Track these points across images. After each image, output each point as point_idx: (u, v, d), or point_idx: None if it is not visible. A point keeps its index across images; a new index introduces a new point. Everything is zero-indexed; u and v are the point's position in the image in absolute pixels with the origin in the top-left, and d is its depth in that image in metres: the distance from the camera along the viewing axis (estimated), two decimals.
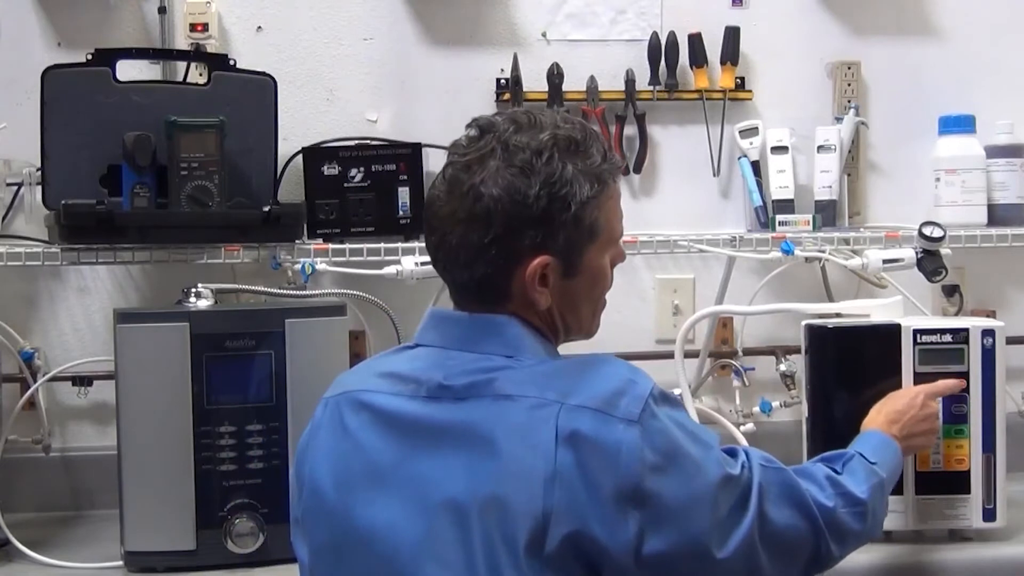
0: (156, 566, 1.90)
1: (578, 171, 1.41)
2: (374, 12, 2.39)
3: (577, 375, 1.36)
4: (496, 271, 1.40)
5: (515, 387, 1.35)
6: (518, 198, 1.38)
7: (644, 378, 1.36)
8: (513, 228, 1.38)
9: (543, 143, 1.40)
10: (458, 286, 1.45)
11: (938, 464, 1.95)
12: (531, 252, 1.40)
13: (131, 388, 1.90)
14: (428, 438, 1.37)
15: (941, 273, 2.17)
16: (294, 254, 2.16)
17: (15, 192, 2.26)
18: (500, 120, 1.44)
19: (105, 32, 2.29)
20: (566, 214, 1.40)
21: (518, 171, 1.39)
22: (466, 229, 1.39)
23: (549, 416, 1.31)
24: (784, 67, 2.50)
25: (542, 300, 1.42)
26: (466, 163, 1.41)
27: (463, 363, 1.40)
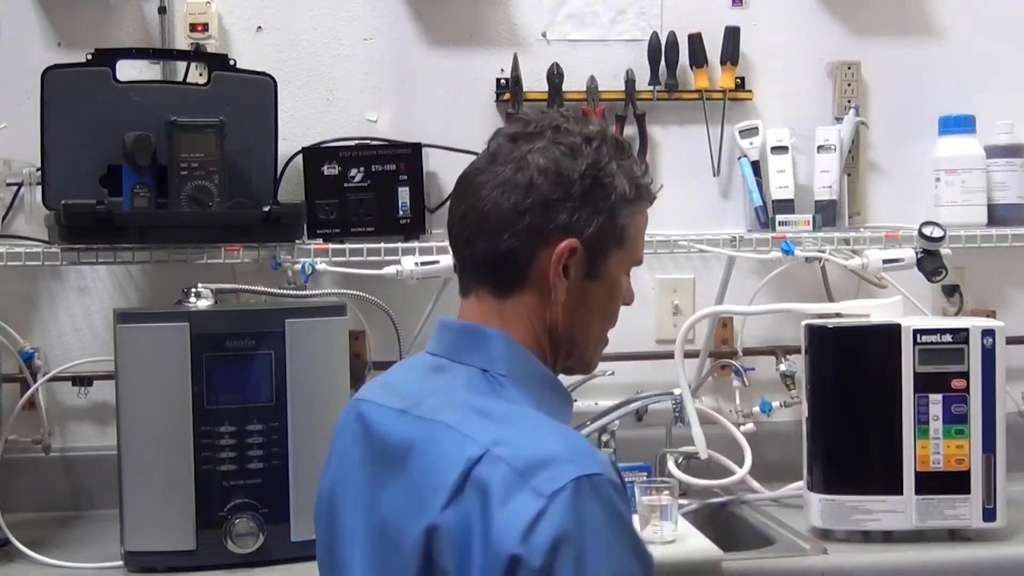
0: (156, 566, 1.90)
1: (622, 170, 1.39)
2: (374, 12, 2.39)
3: (524, 427, 1.28)
4: (521, 246, 1.35)
5: (459, 417, 1.28)
6: (563, 172, 1.35)
7: (587, 461, 1.22)
8: (551, 203, 1.35)
9: (593, 133, 1.39)
10: (476, 261, 1.38)
11: (938, 464, 1.96)
12: (561, 233, 1.35)
13: (131, 388, 1.90)
14: (391, 458, 1.33)
15: (941, 273, 2.18)
16: (294, 254, 2.16)
17: (15, 192, 2.26)
18: (549, 112, 1.44)
19: (105, 32, 2.29)
20: (604, 203, 1.37)
21: (567, 149, 1.36)
22: (502, 195, 1.35)
23: (469, 454, 1.23)
24: (784, 67, 2.50)
25: (560, 290, 1.37)
26: (512, 135, 1.39)
27: (434, 381, 1.36)
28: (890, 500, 1.96)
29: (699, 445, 2.18)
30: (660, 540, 1.91)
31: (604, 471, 1.23)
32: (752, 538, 2.09)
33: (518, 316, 1.38)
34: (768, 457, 2.31)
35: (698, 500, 2.23)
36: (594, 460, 1.24)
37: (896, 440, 1.95)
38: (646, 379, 2.36)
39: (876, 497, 1.96)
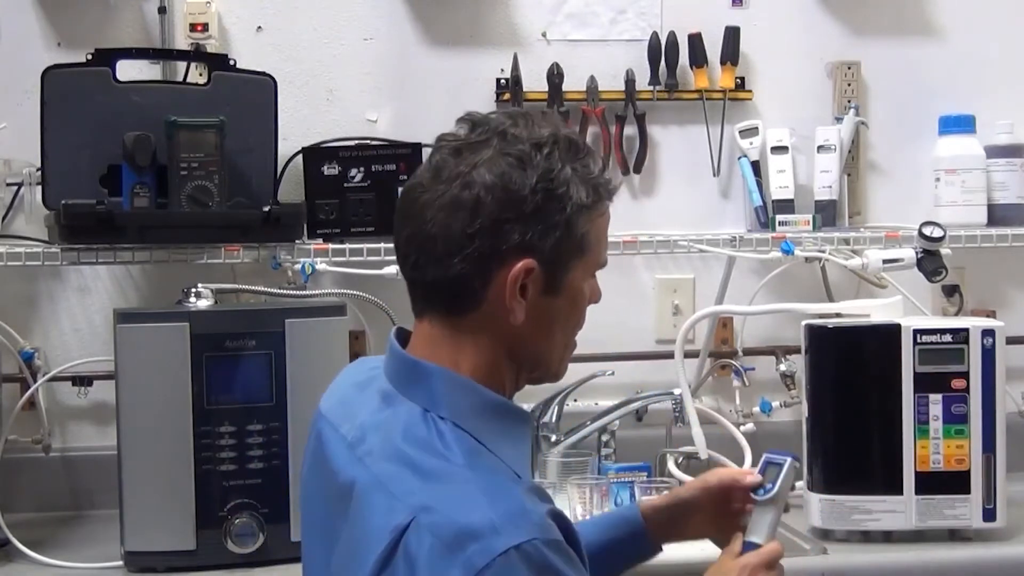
0: (156, 566, 1.90)
1: (576, 175, 1.30)
2: (374, 12, 2.39)
3: (455, 488, 1.22)
4: (474, 270, 1.28)
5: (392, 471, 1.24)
6: (512, 188, 1.27)
7: (517, 528, 1.17)
8: (502, 221, 1.26)
9: (543, 138, 1.30)
10: (426, 286, 1.32)
11: (938, 464, 1.96)
12: (516, 253, 1.27)
13: (131, 388, 1.90)
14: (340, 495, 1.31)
15: (941, 273, 2.18)
16: (294, 254, 2.16)
17: (15, 192, 2.26)
18: (495, 116, 1.34)
19: (105, 32, 2.29)
20: (560, 216, 1.29)
21: (515, 160, 1.28)
22: (448, 216, 1.27)
23: (398, 522, 1.19)
24: (784, 67, 2.50)
25: (518, 312, 1.29)
26: (456, 148, 1.30)
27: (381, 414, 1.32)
28: (890, 500, 1.96)
29: (699, 445, 2.18)
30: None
31: (538, 534, 1.17)
32: None
33: (474, 340, 1.32)
34: None
35: None
36: (526, 523, 1.18)
37: (896, 440, 1.96)
38: (646, 379, 2.37)
39: (876, 497, 1.96)
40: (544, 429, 2.24)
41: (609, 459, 2.22)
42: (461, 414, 1.29)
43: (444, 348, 1.33)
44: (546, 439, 2.23)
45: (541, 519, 1.21)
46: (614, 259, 2.40)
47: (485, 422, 1.30)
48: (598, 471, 2.15)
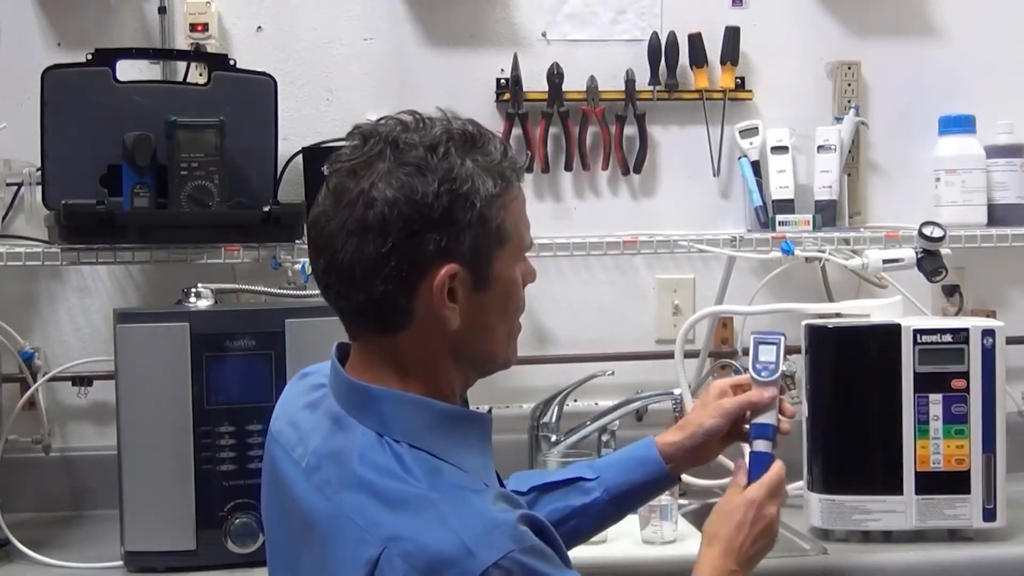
0: (156, 566, 1.90)
1: (478, 167, 1.27)
2: (374, 12, 2.39)
3: (421, 511, 1.20)
4: (397, 287, 1.26)
5: (356, 501, 1.23)
6: (415, 198, 1.24)
7: (487, 548, 1.17)
8: (413, 234, 1.24)
9: (437, 138, 1.27)
10: (354, 311, 1.30)
11: (938, 464, 1.96)
12: (436, 261, 1.25)
13: (131, 388, 1.90)
14: (301, 523, 1.30)
15: (941, 273, 2.18)
16: (294, 254, 2.16)
17: (15, 192, 2.26)
18: (384, 123, 1.31)
19: (105, 32, 2.29)
20: (470, 213, 1.26)
21: (413, 169, 1.25)
22: (359, 241, 1.25)
23: (369, 555, 1.19)
24: (784, 67, 2.50)
25: (452, 318, 1.27)
26: (351, 168, 1.28)
27: (334, 439, 1.30)
28: (890, 500, 1.96)
29: None
30: (660, 540, 1.92)
31: (513, 545, 1.18)
32: None
33: (414, 353, 1.30)
34: None
35: (698, 500, 2.23)
36: (499, 538, 1.18)
37: (896, 440, 1.96)
38: (646, 379, 2.37)
39: (876, 497, 1.96)
40: (544, 429, 2.24)
41: None
42: (415, 434, 1.28)
43: (387, 367, 1.31)
44: (546, 439, 2.23)
45: (513, 529, 1.20)
46: (614, 259, 2.44)
47: (441, 436, 1.29)
48: None
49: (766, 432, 1.60)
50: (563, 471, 1.64)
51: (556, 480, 1.62)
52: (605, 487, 1.59)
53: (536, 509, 1.56)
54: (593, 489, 1.59)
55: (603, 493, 1.59)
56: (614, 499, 1.60)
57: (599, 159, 2.44)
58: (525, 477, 1.66)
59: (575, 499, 1.59)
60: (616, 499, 1.60)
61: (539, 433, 2.25)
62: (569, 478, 1.61)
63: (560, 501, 1.59)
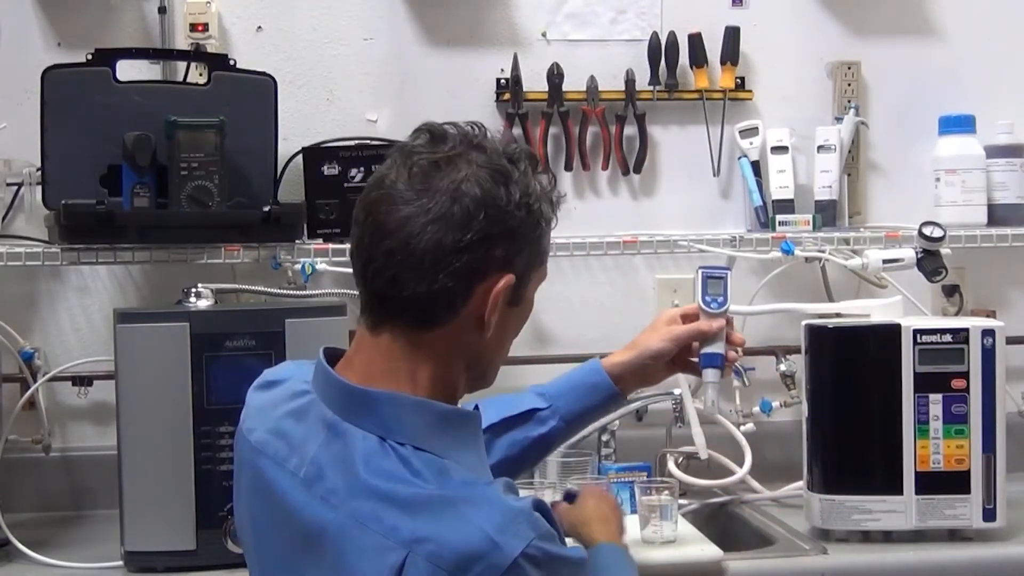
0: (156, 566, 1.90)
1: (543, 190, 1.33)
2: (374, 12, 2.39)
3: (440, 512, 1.21)
4: (457, 285, 1.27)
5: (369, 509, 1.22)
6: (500, 203, 1.27)
7: (512, 538, 1.19)
8: (489, 236, 1.26)
9: (515, 152, 1.32)
10: (400, 300, 1.28)
11: (938, 464, 1.96)
12: (498, 268, 1.28)
13: (131, 388, 1.90)
14: (304, 537, 1.28)
15: (941, 273, 2.18)
16: (294, 254, 2.16)
17: (15, 192, 2.26)
18: (454, 129, 1.33)
19: (105, 32, 2.29)
20: (535, 232, 1.31)
21: (499, 175, 1.28)
22: (439, 231, 1.25)
23: (392, 561, 1.19)
24: (784, 67, 2.50)
25: (493, 324, 1.30)
26: (435, 161, 1.28)
27: (332, 447, 1.29)
28: (890, 500, 1.96)
29: (699, 445, 2.18)
30: (660, 540, 1.91)
31: (533, 533, 1.20)
32: (752, 538, 2.10)
33: (438, 351, 1.31)
34: (768, 457, 2.31)
35: (698, 500, 2.23)
36: (521, 527, 1.20)
37: (896, 440, 1.95)
38: None
39: (876, 497, 1.96)
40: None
41: (609, 459, 2.22)
42: (418, 435, 1.28)
43: (402, 362, 1.31)
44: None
45: (530, 516, 1.22)
46: (614, 259, 2.44)
47: (440, 436, 1.30)
48: (598, 471, 2.15)
49: (715, 361, 1.72)
50: (514, 402, 1.70)
51: (512, 415, 1.68)
52: (560, 415, 1.69)
53: (497, 444, 1.65)
54: (548, 418, 1.68)
55: (559, 421, 1.68)
56: (568, 424, 1.70)
57: (599, 159, 2.44)
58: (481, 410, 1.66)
59: (532, 430, 1.68)
60: (570, 424, 1.71)
61: None
62: (524, 411, 1.68)
63: (519, 434, 1.67)
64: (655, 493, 1.94)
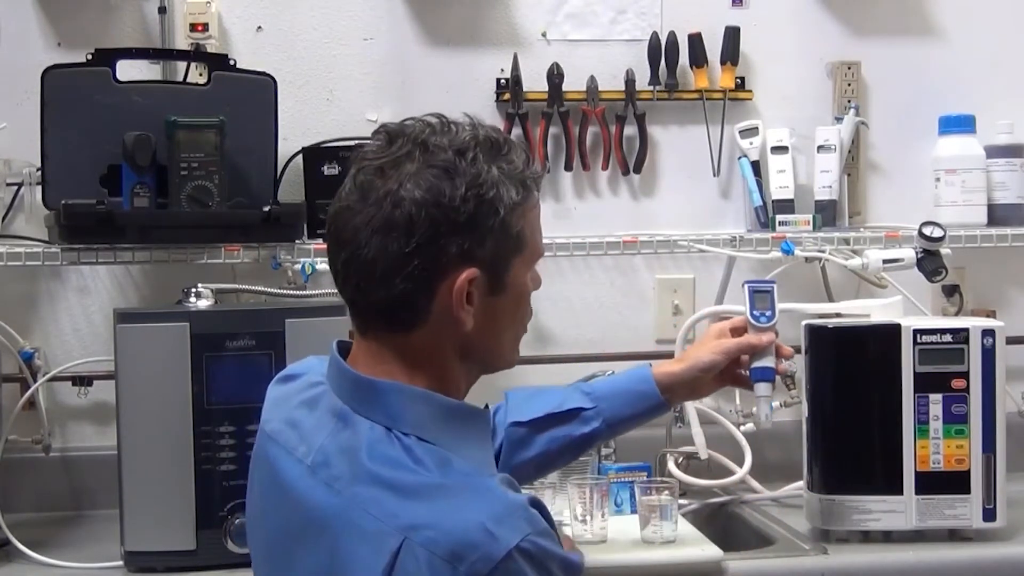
0: (156, 566, 1.90)
1: (503, 174, 1.30)
2: (374, 12, 2.39)
3: (438, 500, 1.22)
4: (417, 287, 1.28)
5: (371, 495, 1.23)
6: (443, 201, 1.26)
7: (509, 531, 1.19)
8: (438, 235, 1.26)
9: (465, 143, 1.30)
10: (371, 307, 1.31)
11: (938, 464, 1.96)
12: (457, 264, 1.28)
13: (131, 388, 1.90)
14: (305, 522, 1.29)
15: (941, 273, 2.18)
16: (294, 254, 2.16)
17: (15, 192, 2.26)
18: (411, 124, 1.33)
19: (105, 32, 2.29)
20: (494, 219, 1.29)
21: (441, 172, 1.27)
22: (384, 239, 1.26)
23: (389, 546, 1.20)
24: (784, 67, 2.50)
25: (467, 320, 1.30)
26: (379, 167, 1.28)
27: (341, 436, 1.30)
28: (890, 500, 1.96)
29: (699, 445, 2.18)
30: (660, 540, 1.91)
31: (529, 528, 1.21)
32: (752, 538, 2.10)
33: (424, 351, 1.32)
34: (768, 457, 2.31)
35: (698, 500, 2.23)
36: (518, 521, 1.21)
37: (896, 440, 1.95)
38: None
39: (876, 497, 1.96)
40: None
41: (609, 459, 2.22)
42: (422, 426, 1.30)
43: (394, 364, 1.33)
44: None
45: (526, 511, 1.23)
46: (614, 259, 2.44)
47: (445, 429, 1.31)
48: (598, 471, 2.15)
49: (767, 375, 1.76)
50: (560, 398, 1.70)
51: (557, 412, 1.68)
52: (604, 418, 1.69)
53: (538, 439, 1.67)
54: (592, 419, 1.69)
55: (601, 424, 1.68)
56: (611, 428, 1.71)
57: (599, 159, 2.44)
58: (524, 403, 1.70)
59: (575, 429, 1.69)
60: (612, 428, 1.71)
61: None
62: (569, 409, 1.68)
63: (561, 431, 1.68)
64: (655, 493, 1.94)
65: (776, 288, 1.79)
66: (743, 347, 1.75)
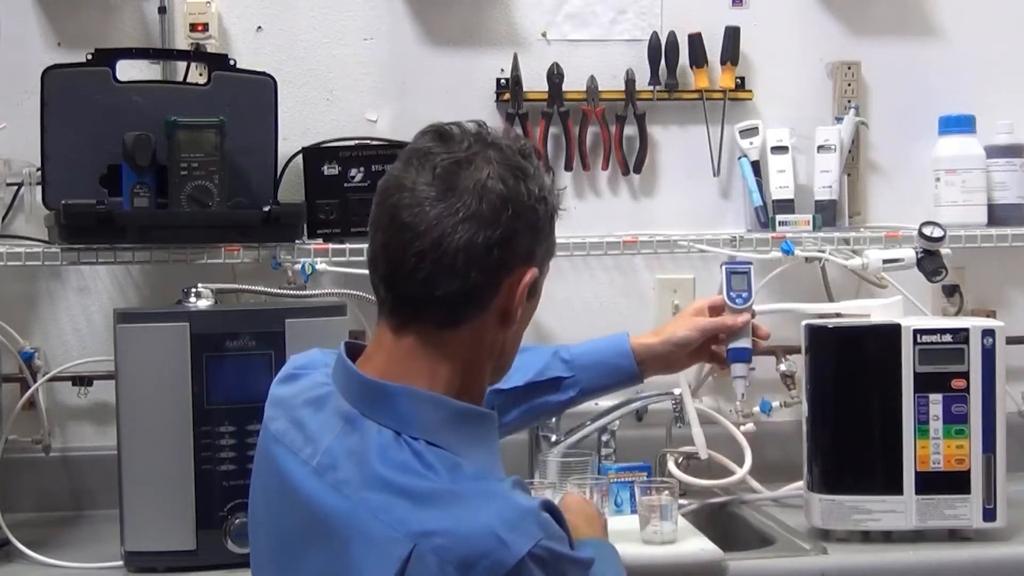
0: (156, 566, 1.90)
1: (550, 182, 1.35)
2: (374, 12, 2.40)
3: (449, 506, 1.21)
4: (487, 280, 1.28)
5: (380, 501, 1.23)
6: (521, 199, 1.29)
7: (520, 536, 1.18)
8: (515, 231, 1.28)
9: (524, 146, 1.33)
10: (432, 301, 1.29)
11: (938, 464, 1.96)
12: (522, 261, 1.30)
13: (131, 388, 1.90)
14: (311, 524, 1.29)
15: (941, 273, 2.18)
16: (294, 254, 2.17)
17: (15, 192, 2.26)
18: (462, 124, 1.34)
19: (105, 32, 2.29)
20: (549, 224, 1.35)
21: (517, 171, 1.30)
22: (469, 229, 1.26)
23: (399, 553, 1.19)
24: (784, 67, 2.50)
25: (515, 319, 1.32)
26: (457, 160, 1.29)
27: (348, 439, 1.29)
28: (890, 500, 1.96)
29: (699, 445, 2.18)
30: (660, 540, 1.91)
31: (541, 533, 1.20)
32: (752, 538, 2.10)
33: (461, 349, 1.32)
34: (768, 457, 2.31)
35: (698, 500, 2.23)
36: (529, 526, 1.20)
37: (896, 440, 1.96)
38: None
39: (876, 497, 1.96)
40: (544, 429, 2.24)
41: (609, 459, 2.22)
42: (432, 430, 1.29)
43: (423, 361, 1.31)
44: (546, 439, 2.23)
45: (538, 516, 1.22)
46: (614, 259, 2.44)
47: (455, 433, 1.30)
48: (598, 471, 2.15)
49: (743, 356, 1.80)
50: (541, 367, 1.73)
51: (538, 381, 1.72)
52: (580, 387, 1.74)
53: (518, 405, 1.71)
54: (569, 388, 1.73)
55: (577, 392, 1.73)
56: (584, 396, 1.76)
57: (599, 159, 2.44)
58: None
59: (553, 397, 1.73)
60: (586, 396, 1.76)
61: (539, 433, 2.24)
62: (551, 378, 1.72)
63: (539, 398, 1.72)
64: (655, 493, 1.94)
65: (752, 269, 1.82)
66: (718, 327, 1.79)
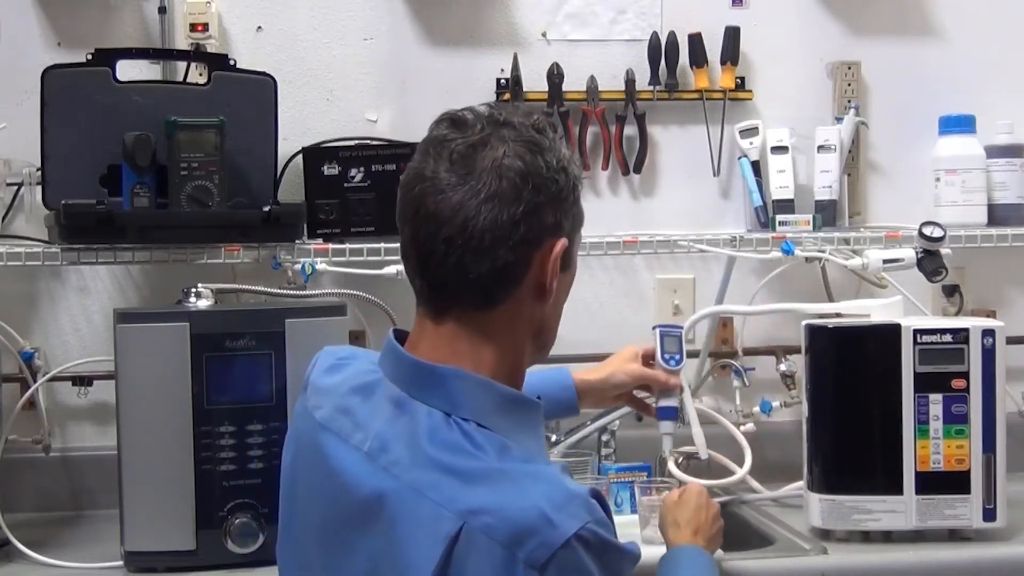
0: (156, 566, 1.90)
1: (570, 155, 1.36)
2: (374, 12, 2.40)
3: (498, 484, 1.23)
4: (517, 257, 1.30)
5: (430, 479, 1.24)
6: (541, 172, 1.30)
7: (568, 518, 1.20)
8: (538, 205, 1.30)
9: (537, 122, 1.34)
10: (467, 285, 1.30)
11: (938, 464, 1.96)
12: (550, 234, 1.32)
13: (131, 388, 1.90)
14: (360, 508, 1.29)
15: (941, 273, 2.18)
16: (294, 254, 2.17)
17: (15, 192, 2.26)
18: (474, 109, 1.35)
19: (105, 32, 2.29)
20: (573, 194, 1.35)
21: (533, 145, 1.31)
22: (496, 207, 1.28)
23: (447, 530, 1.20)
24: (784, 67, 2.51)
25: (551, 292, 1.33)
26: (471, 144, 1.30)
27: (398, 423, 1.31)
28: (890, 500, 1.96)
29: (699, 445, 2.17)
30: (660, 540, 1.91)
31: (589, 516, 1.21)
32: (752, 538, 2.09)
33: (503, 328, 1.34)
34: (768, 457, 2.30)
35: None
36: (577, 508, 1.21)
37: (896, 440, 1.96)
38: None
39: (876, 497, 1.96)
40: (544, 429, 2.23)
41: (609, 459, 2.22)
42: (482, 413, 1.30)
43: (466, 345, 1.33)
44: (546, 439, 2.23)
45: (586, 500, 1.24)
46: (614, 259, 2.45)
47: (503, 417, 1.32)
48: (598, 471, 2.15)
49: (672, 414, 1.90)
50: None
51: None
52: None
53: None
54: None
55: None
56: None
57: (599, 159, 2.45)
58: None
59: None
60: None
61: None
62: None
63: None
64: (655, 493, 1.94)
65: (684, 333, 1.92)
66: (652, 380, 1.88)
